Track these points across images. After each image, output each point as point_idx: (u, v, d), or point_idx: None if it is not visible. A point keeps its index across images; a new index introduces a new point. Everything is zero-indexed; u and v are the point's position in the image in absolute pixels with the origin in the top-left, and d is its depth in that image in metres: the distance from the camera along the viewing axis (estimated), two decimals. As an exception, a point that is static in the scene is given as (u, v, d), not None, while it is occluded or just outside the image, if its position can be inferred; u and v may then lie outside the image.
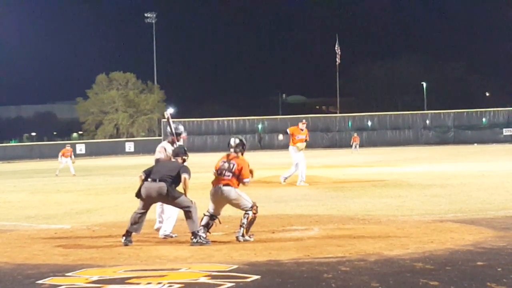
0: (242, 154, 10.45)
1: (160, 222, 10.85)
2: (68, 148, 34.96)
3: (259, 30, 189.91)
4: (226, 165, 10.20)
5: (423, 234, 10.14)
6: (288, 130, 21.64)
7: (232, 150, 10.42)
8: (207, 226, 10.16)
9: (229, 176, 10.12)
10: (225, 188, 10.07)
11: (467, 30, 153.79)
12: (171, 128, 11.19)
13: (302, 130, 21.39)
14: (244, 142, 10.56)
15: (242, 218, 10.07)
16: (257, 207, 10.21)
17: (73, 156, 34.31)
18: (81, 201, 18.20)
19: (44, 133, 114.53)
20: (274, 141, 70.55)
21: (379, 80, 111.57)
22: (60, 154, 34.24)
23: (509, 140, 66.91)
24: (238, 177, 10.16)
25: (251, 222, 10.10)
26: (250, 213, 10.07)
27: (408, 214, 12.91)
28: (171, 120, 11.34)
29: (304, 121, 22.08)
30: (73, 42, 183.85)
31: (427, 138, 70.06)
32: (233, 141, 10.49)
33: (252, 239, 9.95)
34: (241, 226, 10.03)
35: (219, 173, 10.18)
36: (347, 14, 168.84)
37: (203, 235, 9.88)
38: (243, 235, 9.96)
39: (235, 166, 10.18)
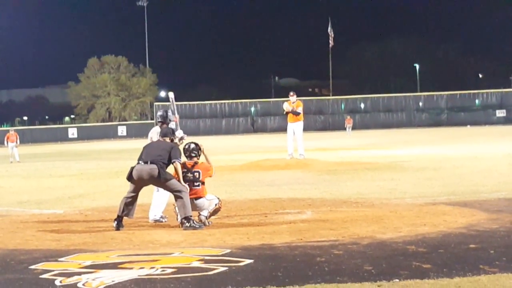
0: (198, 159, 10.47)
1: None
2: (12, 132, 34.59)
3: (251, 13, 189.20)
4: (191, 175, 10.16)
5: (416, 217, 10.15)
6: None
7: (187, 155, 10.41)
8: None
9: (198, 185, 10.14)
10: (199, 202, 10.08)
11: (460, 11, 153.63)
12: (173, 108, 11.40)
13: (293, 102, 21.76)
14: (200, 146, 10.55)
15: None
16: (221, 201, 10.33)
17: (18, 141, 33.71)
18: (73, 185, 18.15)
19: (36, 117, 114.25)
20: (267, 124, 70.76)
21: (372, 63, 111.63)
22: (5, 138, 34.01)
23: (502, 121, 67.15)
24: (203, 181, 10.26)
25: (216, 211, 10.25)
26: (217, 203, 10.23)
27: (401, 197, 12.91)
28: (174, 102, 11.85)
29: (291, 93, 22.40)
30: (65, 25, 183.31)
31: (420, 120, 70.22)
32: (188, 146, 10.48)
33: (208, 225, 9.98)
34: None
35: (187, 184, 10.09)
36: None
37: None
38: (206, 217, 10.06)
39: (200, 174, 10.20)
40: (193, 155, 10.39)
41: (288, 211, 11.46)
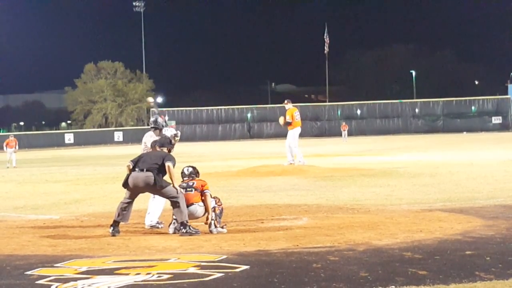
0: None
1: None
2: (11, 138, 34.70)
3: (248, 19, 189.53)
4: (185, 184, 10.22)
5: (412, 223, 10.15)
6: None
7: (185, 178, 10.41)
8: None
9: (191, 190, 10.12)
10: (191, 208, 9.99)
11: (457, 18, 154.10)
12: (157, 112, 11.61)
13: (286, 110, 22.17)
14: (197, 169, 10.63)
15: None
16: (218, 200, 10.28)
17: (17, 147, 33.94)
18: (69, 191, 18.13)
19: (32, 123, 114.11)
20: (263, 130, 70.78)
21: (368, 69, 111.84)
22: (4, 144, 34.05)
23: (498, 128, 67.36)
24: (201, 192, 10.17)
25: (219, 214, 10.14)
26: (216, 206, 10.12)
27: (397, 203, 12.92)
28: (156, 106, 11.93)
29: (285, 101, 22.58)
30: (61, 30, 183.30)
31: (416, 127, 70.38)
32: (186, 169, 10.50)
33: (225, 230, 9.94)
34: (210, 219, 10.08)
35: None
36: (336, 2, 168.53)
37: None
38: (215, 226, 9.95)
39: (194, 183, 10.21)
40: (191, 178, 10.40)
41: (284, 217, 11.45)
